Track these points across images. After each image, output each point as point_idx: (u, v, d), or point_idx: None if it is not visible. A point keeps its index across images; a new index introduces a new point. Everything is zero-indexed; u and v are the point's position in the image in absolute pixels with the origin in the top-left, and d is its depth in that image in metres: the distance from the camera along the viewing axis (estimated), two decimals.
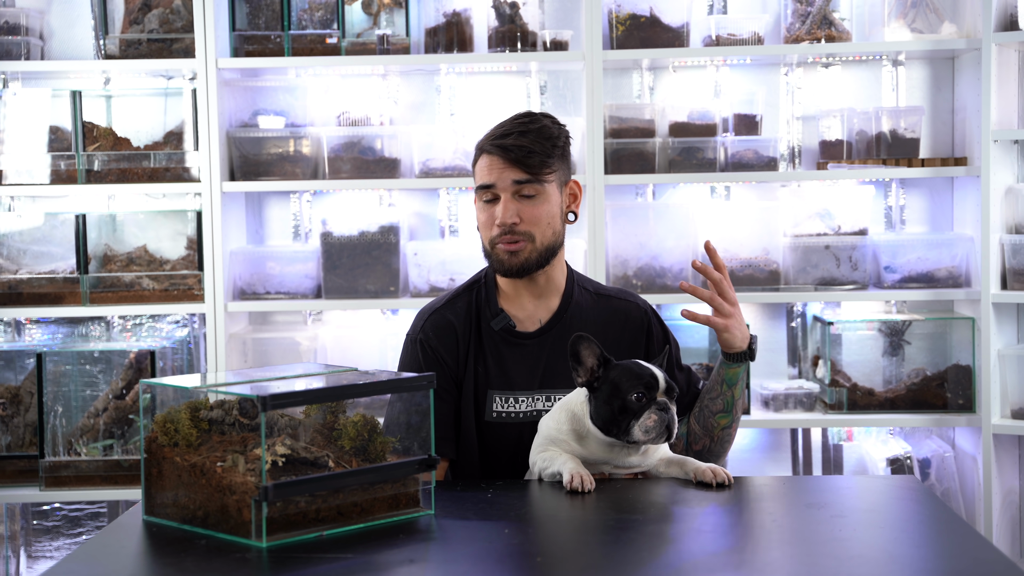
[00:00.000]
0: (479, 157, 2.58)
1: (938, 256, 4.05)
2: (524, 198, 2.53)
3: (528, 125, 2.54)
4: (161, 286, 4.01)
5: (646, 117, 4.06)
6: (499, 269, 2.56)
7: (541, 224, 2.53)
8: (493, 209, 2.54)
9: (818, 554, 1.88)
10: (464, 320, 2.59)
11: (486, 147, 2.56)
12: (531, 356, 2.57)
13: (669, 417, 2.22)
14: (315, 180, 4.07)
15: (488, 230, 2.55)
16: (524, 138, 2.52)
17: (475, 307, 2.61)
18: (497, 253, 2.55)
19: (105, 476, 3.86)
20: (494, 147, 2.53)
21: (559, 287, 2.62)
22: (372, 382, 2.10)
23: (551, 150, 2.54)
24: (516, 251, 2.53)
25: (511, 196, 2.52)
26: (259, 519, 1.89)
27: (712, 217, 4.10)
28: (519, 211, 2.52)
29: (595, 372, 2.29)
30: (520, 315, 2.60)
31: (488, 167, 2.54)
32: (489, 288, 2.62)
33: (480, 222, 2.58)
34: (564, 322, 2.59)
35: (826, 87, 4.30)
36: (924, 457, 4.13)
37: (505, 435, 2.54)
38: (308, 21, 4.07)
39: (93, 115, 4.12)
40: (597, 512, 2.11)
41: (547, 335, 2.58)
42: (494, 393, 2.55)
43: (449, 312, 2.61)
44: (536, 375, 2.56)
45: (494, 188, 2.53)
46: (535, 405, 2.55)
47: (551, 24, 4.25)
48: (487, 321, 2.59)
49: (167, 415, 2.03)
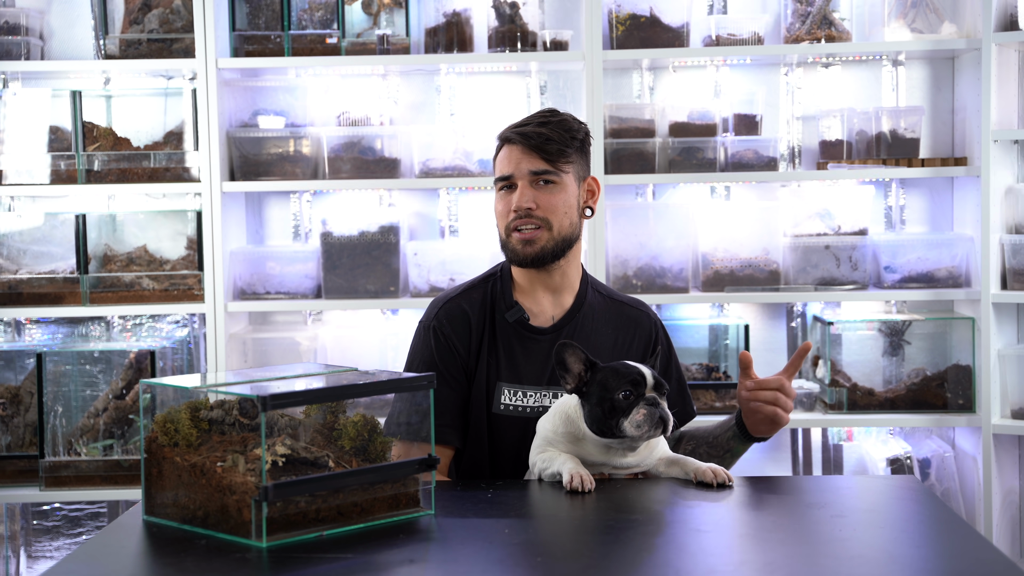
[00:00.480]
0: (500, 148, 2.61)
1: (938, 256, 4.05)
2: (542, 185, 2.55)
3: (550, 118, 2.59)
4: (161, 286, 4.01)
5: (646, 117, 4.06)
6: (514, 259, 2.57)
7: (558, 212, 2.55)
8: (511, 197, 2.56)
9: (818, 554, 1.87)
10: (479, 310, 2.60)
11: (507, 135, 2.59)
12: (542, 352, 2.58)
13: (660, 411, 2.22)
14: (315, 180, 4.07)
15: (505, 218, 2.57)
16: (544, 127, 2.56)
17: (490, 298, 2.62)
18: (512, 242, 2.56)
19: (105, 476, 3.86)
20: (515, 135, 2.57)
21: (574, 285, 2.63)
22: (372, 382, 2.10)
23: (570, 141, 2.56)
24: (532, 239, 2.54)
25: (528, 184, 2.54)
26: (259, 519, 1.89)
27: (712, 217, 4.10)
28: (535, 197, 2.54)
29: (583, 377, 2.29)
30: (534, 309, 2.61)
31: (507, 157, 2.57)
32: (505, 281, 2.63)
33: (497, 212, 2.59)
34: (577, 321, 2.60)
35: (826, 87, 4.30)
36: (924, 457, 4.13)
37: (511, 428, 2.55)
38: (308, 21, 4.08)
39: (93, 115, 4.13)
40: (597, 512, 2.11)
41: (560, 332, 2.59)
42: (503, 385, 2.56)
43: (464, 301, 2.61)
44: (546, 371, 2.57)
45: (512, 177, 2.55)
46: (543, 401, 2.56)
47: (551, 24, 4.25)
48: (501, 313, 2.60)
49: (167, 415, 2.03)
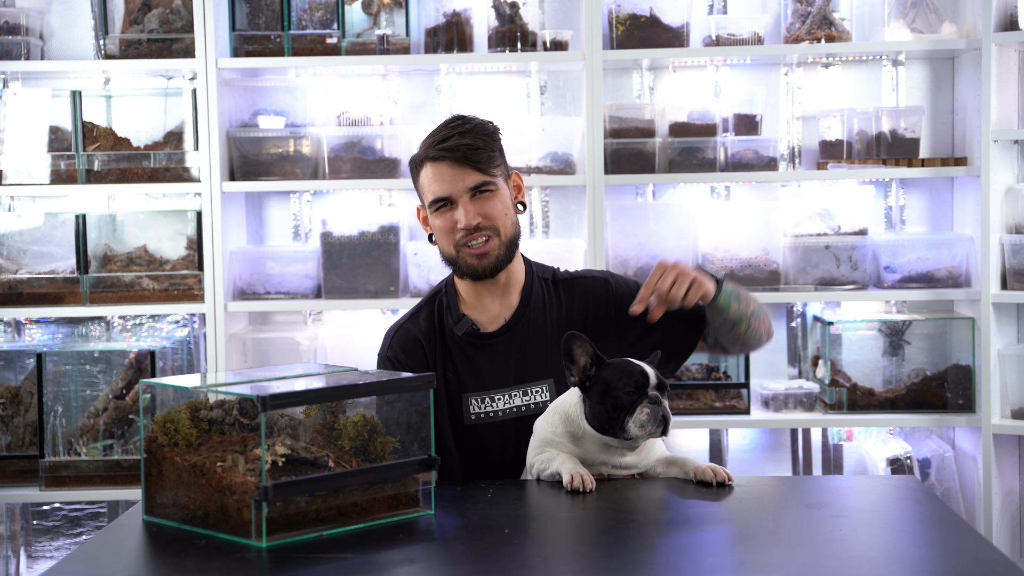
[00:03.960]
0: (421, 169, 2.55)
1: (938, 256, 4.05)
2: (479, 195, 2.52)
3: (464, 126, 2.54)
4: (161, 286, 4.01)
5: (646, 117, 4.06)
6: (470, 273, 2.55)
7: (501, 217, 2.53)
8: (450, 214, 2.52)
9: (818, 554, 1.87)
10: (427, 331, 2.60)
11: (429, 155, 2.52)
12: (500, 354, 2.57)
13: (662, 410, 2.23)
14: (315, 180, 4.07)
15: (450, 235, 2.53)
16: (465, 138, 2.51)
17: (437, 316, 2.62)
18: (464, 259, 2.54)
19: (105, 476, 3.86)
20: (440, 152, 2.51)
21: (519, 282, 2.62)
22: (372, 382, 2.10)
23: (492, 144, 2.54)
24: (485, 252, 2.53)
25: (468, 199, 2.51)
26: (259, 519, 1.89)
27: (712, 217, 4.10)
28: (478, 210, 2.51)
29: (588, 371, 2.29)
30: (483, 318, 2.61)
31: (437, 176, 2.51)
32: (450, 296, 2.63)
33: (439, 230, 2.55)
34: (527, 315, 2.60)
35: (826, 87, 4.30)
36: (924, 457, 4.13)
37: (489, 436, 2.55)
38: (308, 21, 4.07)
39: (93, 115, 4.13)
40: (597, 512, 2.11)
41: (513, 331, 2.59)
42: (469, 396, 2.56)
43: (412, 326, 2.62)
44: (508, 372, 2.56)
45: (451, 196, 2.51)
46: (513, 402, 2.55)
47: (551, 24, 4.25)
48: (450, 328, 2.60)
49: (167, 415, 2.03)
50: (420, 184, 2.56)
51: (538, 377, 2.55)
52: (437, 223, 2.55)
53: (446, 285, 2.66)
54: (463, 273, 2.56)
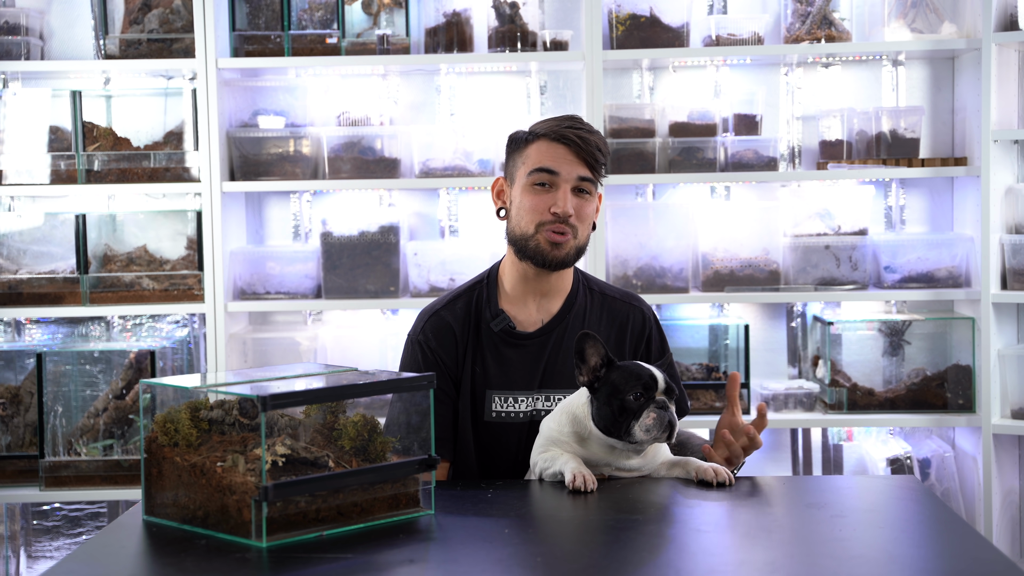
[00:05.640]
0: (534, 141, 2.53)
1: (938, 256, 4.05)
2: (579, 194, 2.51)
3: (587, 127, 2.54)
4: (161, 286, 4.01)
5: (646, 117, 4.06)
6: (538, 257, 2.51)
7: (587, 223, 2.53)
8: (546, 195, 2.50)
9: (818, 554, 1.88)
10: (462, 321, 2.58)
11: (551, 133, 2.51)
12: (531, 356, 2.57)
13: (669, 415, 2.22)
14: (315, 180, 4.07)
15: (537, 214, 2.50)
16: (592, 135, 2.52)
17: (475, 308, 2.60)
18: (539, 241, 2.50)
19: (105, 476, 3.86)
20: (565, 134, 2.50)
21: (563, 290, 2.62)
22: (372, 382, 2.10)
23: (606, 156, 2.55)
24: (561, 243, 2.50)
25: (571, 189, 2.50)
26: (259, 519, 1.89)
27: (712, 217, 4.10)
28: (575, 205, 2.50)
29: (597, 372, 2.29)
30: (521, 316, 2.59)
31: (551, 153, 2.50)
32: (491, 289, 2.61)
33: (525, 207, 2.52)
34: (566, 323, 2.59)
35: (826, 87, 4.30)
36: (924, 457, 4.13)
37: (505, 435, 2.54)
38: (308, 21, 4.07)
39: (93, 115, 4.13)
40: (597, 512, 2.11)
41: (548, 336, 2.58)
42: (493, 393, 2.55)
43: (448, 314, 2.60)
44: (536, 375, 2.56)
45: (559, 176, 2.49)
46: (535, 405, 2.55)
47: (551, 24, 4.25)
48: (487, 322, 2.58)
49: (167, 415, 2.03)
50: (524, 154, 2.53)
51: (564, 385, 2.54)
52: (527, 200, 2.51)
53: (487, 276, 2.64)
54: (529, 255, 2.52)
